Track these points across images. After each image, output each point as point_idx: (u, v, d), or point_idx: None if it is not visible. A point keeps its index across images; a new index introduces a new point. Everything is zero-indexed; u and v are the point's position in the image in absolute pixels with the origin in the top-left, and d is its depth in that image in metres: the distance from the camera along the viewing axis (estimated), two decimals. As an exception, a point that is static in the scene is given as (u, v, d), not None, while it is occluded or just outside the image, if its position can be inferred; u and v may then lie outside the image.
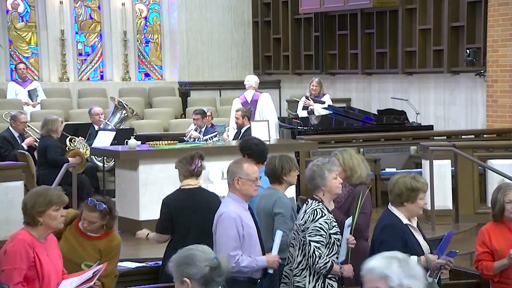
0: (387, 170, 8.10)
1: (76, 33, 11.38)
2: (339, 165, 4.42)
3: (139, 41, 11.78)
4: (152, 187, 6.78)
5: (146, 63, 11.89)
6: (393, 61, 10.39)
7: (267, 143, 7.33)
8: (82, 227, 4.00)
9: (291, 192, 5.03)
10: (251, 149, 4.89)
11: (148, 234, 4.67)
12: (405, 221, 3.98)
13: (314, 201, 4.08)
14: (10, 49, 10.94)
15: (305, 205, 4.13)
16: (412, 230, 4.00)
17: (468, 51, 9.27)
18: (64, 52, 11.04)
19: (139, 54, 11.80)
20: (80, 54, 11.45)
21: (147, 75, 11.92)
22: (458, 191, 7.18)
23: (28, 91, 10.00)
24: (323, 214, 4.01)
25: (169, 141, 7.20)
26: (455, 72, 9.75)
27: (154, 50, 11.94)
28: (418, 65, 10.07)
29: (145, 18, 11.83)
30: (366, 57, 10.72)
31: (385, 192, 4.21)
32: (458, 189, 7.19)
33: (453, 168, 7.22)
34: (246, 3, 12.02)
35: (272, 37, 11.89)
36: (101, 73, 11.60)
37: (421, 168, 7.38)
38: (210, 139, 8.10)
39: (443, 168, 7.02)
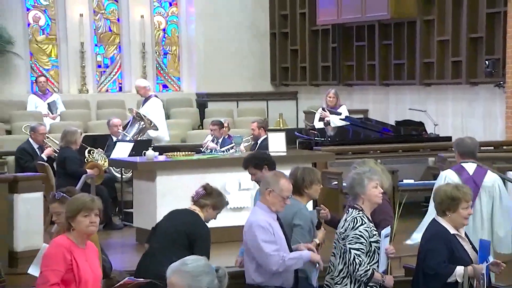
0: (405, 181, 8.06)
1: (96, 45, 11.51)
2: None
3: (157, 53, 11.88)
4: (169, 198, 6.80)
5: (164, 75, 11.98)
6: (411, 72, 10.36)
7: (284, 154, 7.34)
8: (55, 222, 4.06)
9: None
10: (267, 159, 4.88)
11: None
12: (452, 231, 3.97)
13: (354, 209, 4.08)
14: (31, 62, 11.09)
15: (345, 214, 4.13)
16: (460, 240, 3.98)
17: (487, 62, 9.21)
18: (83, 64, 11.16)
19: (157, 65, 11.89)
20: (99, 66, 11.58)
21: (165, 86, 12.01)
22: (477, 203, 7.10)
23: (48, 103, 10.12)
24: (363, 222, 4.01)
25: (186, 152, 7.24)
26: (474, 83, 9.68)
27: (172, 61, 12.03)
28: (436, 76, 10.02)
29: (164, 30, 11.93)
30: (383, 68, 10.70)
31: (403, 203, 4.20)
32: (477, 201, 7.10)
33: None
34: (263, 14, 12.07)
35: (290, 49, 11.92)
36: (120, 85, 11.71)
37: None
38: (227, 150, 8.12)
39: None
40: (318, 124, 9.14)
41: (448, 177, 4.93)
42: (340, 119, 9.06)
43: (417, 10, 10.03)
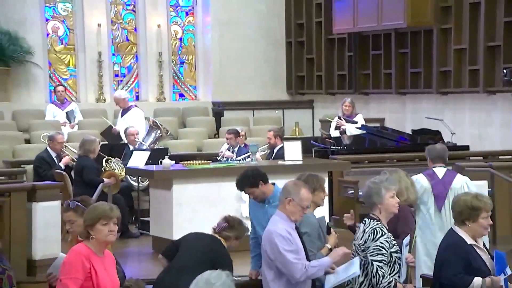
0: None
1: (113, 54, 11.61)
2: None
3: (174, 62, 11.95)
4: (185, 207, 6.83)
5: (180, 84, 12.05)
6: (428, 81, 10.31)
7: (300, 162, 7.34)
8: (69, 231, 4.08)
9: (322, 211, 5.00)
10: (260, 174, 4.77)
11: None
12: (469, 241, 3.94)
13: (372, 220, 4.05)
14: (49, 71, 11.21)
15: (362, 224, 4.10)
16: (478, 250, 3.95)
17: (505, 70, 9.14)
18: (101, 74, 11.26)
19: (174, 74, 11.96)
20: (117, 76, 11.67)
21: (181, 95, 12.07)
22: (495, 212, 7.05)
23: (66, 112, 10.21)
24: (383, 233, 3.99)
25: (202, 161, 7.26)
26: (491, 92, 9.62)
27: (189, 70, 12.09)
28: (453, 85, 9.97)
29: (180, 39, 12.01)
30: (400, 77, 10.67)
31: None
32: (495, 210, 7.04)
33: (490, 189, 7.10)
34: (279, 23, 12.10)
35: (306, 57, 11.93)
36: (137, 94, 11.79)
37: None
38: (243, 159, 8.13)
39: (479, 189, 6.86)
40: (334, 133, 9.13)
41: (418, 180, 5.24)
42: (356, 127, 9.04)
43: (434, 19, 10.00)
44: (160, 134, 9.06)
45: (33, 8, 10.80)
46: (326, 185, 4.93)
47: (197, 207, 6.85)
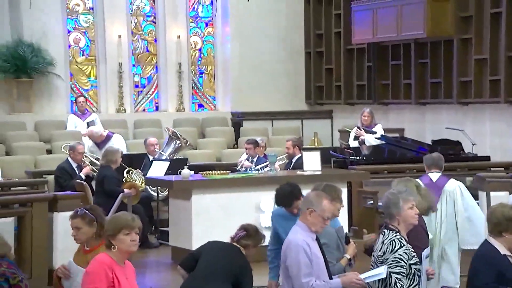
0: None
1: (133, 65, 11.72)
2: None
3: (193, 73, 12.02)
4: (204, 217, 6.85)
5: (199, 94, 12.11)
6: (448, 91, 10.25)
7: (319, 173, 7.33)
8: (74, 238, 4.09)
9: (341, 221, 4.98)
10: (297, 188, 4.84)
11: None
12: (503, 251, 3.92)
13: (390, 231, 4.02)
14: (70, 82, 11.34)
15: (381, 235, 4.08)
16: None
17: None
18: (121, 84, 11.37)
19: (193, 85, 12.03)
20: (137, 86, 11.77)
21: (200, 105, 12.13)
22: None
23: (87, 123, 10.31)
24: (402, 245, 3.95)
25: (221, 171, 7.29)
26: (513, 102, 9.54)
27: (208, 81, 12.16)
28: (473, 95, 9.90)
29: (200, 50, 12.08)
30: (419, 87, 10.62)
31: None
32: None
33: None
34: (299, 34, 12.13)
35: (325, 67, 11.93)
36: (156, 104, 11.87)
37: (477, 199, 7.20)
38: (261, 169, 8.14)
39: (500, 200, 6.83)
40: (353, 143, 9.10)
41: None
42: (376, 138, 9.01)
43: (454, 29, 9.95)
44: (180, 144, 9.11)
45: (55, 20, 10.95)
46: (344, 195, 4.91)
47: (216, 217, 6.87)
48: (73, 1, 11.32)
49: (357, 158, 8.65)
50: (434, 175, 5.88)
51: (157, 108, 11.82)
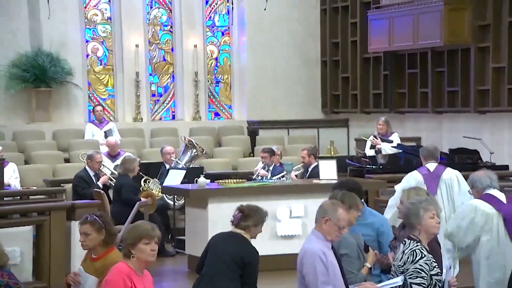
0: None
1: (150, 74, 11.81)
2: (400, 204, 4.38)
3: (210, 81, 12.08)
4: (221, 225, 6.85)
5: (216, 103, 12.16)
6: (465, 100, 10.19)
7: (335, 181, 7.31)
8: (82, 244, 4.09)
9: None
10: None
11: None
12: None
13: (412, 241, 3.99)
14: (88, 92, 11.45)
15: (402, 245, 4.05)
16: None
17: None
18: (138, 93, 11.46)
19: (209, 94, 12.09)
20: (153, 95, 11.85)
21: (217, 114, 12.17)
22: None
23: (104, 131, 10.39)
24: (423, 255, 3.93)
25: (237, 180, 7.31)
26: (531, 111, 9.46)
27: (224, 90, 12.21)
28: (491, 104, 9.83)
29: (216, 59, 12.15)
30: (436, 95, 10.57)
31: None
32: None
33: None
34: (314, 43, 12.14)
35: (341, 76, 11.93)
36: (173, 113, 11.94)
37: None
38: (278, 178, 8.14)
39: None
40: (369, 152, 9.08)
41: (412, 176, 6.24)
42: (392, 146, 8.98)
43: (471, 38, 9.91)
44: (196, 153, 9.14)
45: (74, 30, 11.08)
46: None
47: (232, 226, 6.87)
48: (91, 11, 11.45)
49: (373, 167, 8.62)
50: (431, 165, 6.26)
51: (173, 117, 11.89)
